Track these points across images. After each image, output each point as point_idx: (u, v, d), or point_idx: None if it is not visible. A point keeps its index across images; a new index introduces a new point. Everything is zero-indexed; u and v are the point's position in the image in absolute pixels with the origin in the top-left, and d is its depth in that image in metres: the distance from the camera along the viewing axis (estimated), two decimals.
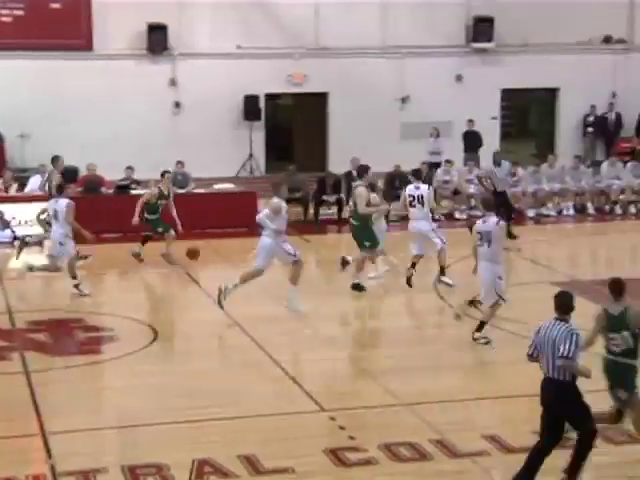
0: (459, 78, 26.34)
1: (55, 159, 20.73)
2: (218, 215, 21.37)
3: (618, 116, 27.21)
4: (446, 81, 26.16)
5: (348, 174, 22.42)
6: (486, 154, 25.32)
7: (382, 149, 24.10)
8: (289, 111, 27.34)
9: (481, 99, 26.08)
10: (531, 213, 23.79)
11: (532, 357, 9.10)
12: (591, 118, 27.19)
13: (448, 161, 24.18)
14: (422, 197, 16.15)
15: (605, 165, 24.91)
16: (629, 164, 24.98)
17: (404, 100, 26.11)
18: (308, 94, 25.92)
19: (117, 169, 21.82)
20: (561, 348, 8.71)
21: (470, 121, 25.43)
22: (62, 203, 16.27)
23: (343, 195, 22.63)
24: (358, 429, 10.62)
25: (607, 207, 24.35)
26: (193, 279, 17.59)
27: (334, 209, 22.95)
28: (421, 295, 16.54)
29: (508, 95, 27.34)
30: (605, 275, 16.34)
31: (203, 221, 20.88)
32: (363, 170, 16.71)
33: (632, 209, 24.25)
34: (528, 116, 31.30)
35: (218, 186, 22.87)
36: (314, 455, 9.83)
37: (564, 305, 9.02)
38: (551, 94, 27.55)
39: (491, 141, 25.96)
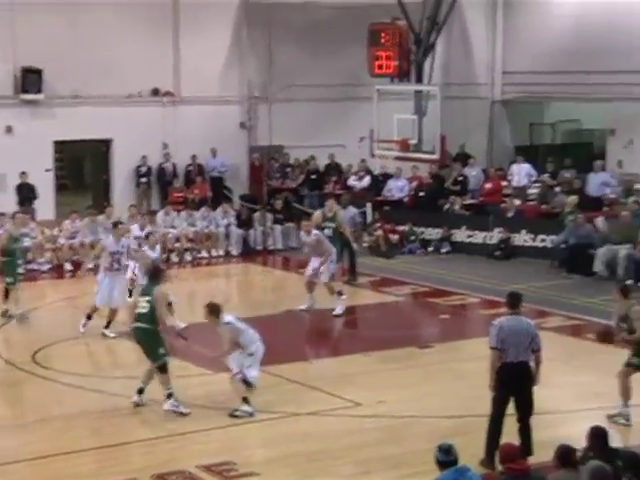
0: (9, 130, 25.77)
1: None
2: None
3: (174, 166, 27.95)
4: None
5: None
6: (42, 207, 24.99)
7: None
8: None
9: (34, 151, 25.66)
10: (90, 265, 23.57)
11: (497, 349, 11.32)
12: (143, 168, 27.64)
13: (2, 214, 23.48)
14: None
15: (161, 214, 25.44)
16: (183, 212, 25.70)
17: None
18: None
19: None
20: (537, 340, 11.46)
21: (23, 173, 24.96)
22: None
23: None
24: None
25: (164, 256, 24.82)
26: None
27: None
28: None
29: (62, 147, 27.14)
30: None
31: None
32: None
33: (188, 257, 24.91)
34: (83, 168, 31.27)
35: None
36: None
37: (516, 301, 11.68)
38: (105, 145, 27.71)
39: (47, 193, 25.69)
